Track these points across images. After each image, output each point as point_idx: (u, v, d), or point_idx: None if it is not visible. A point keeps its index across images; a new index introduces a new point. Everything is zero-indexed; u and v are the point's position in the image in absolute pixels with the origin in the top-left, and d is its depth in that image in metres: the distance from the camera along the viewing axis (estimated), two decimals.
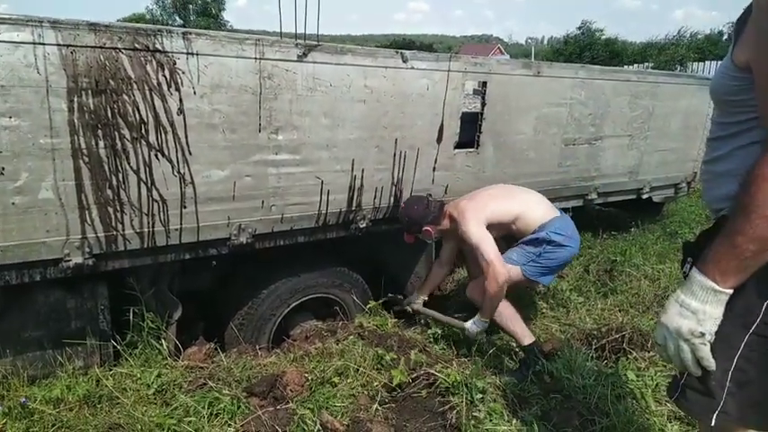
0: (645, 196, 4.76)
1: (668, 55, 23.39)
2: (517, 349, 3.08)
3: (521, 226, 3.06)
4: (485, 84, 3.25)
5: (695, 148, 4.94)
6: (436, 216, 3.07)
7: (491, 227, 2.96)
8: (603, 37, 29.68)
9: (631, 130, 4.29)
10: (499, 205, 3.08)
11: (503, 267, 2.83)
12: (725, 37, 29.54)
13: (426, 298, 3.45)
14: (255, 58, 2.41)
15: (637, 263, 4.39)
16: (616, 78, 4.05)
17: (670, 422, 2.43)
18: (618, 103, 4.09)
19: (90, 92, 2.09)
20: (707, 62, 20.47)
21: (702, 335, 1.12)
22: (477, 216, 2.96)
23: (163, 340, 2.70)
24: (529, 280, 3.03)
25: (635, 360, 2.86)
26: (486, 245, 2.85)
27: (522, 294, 3.86)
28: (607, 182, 4.35)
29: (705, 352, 1.13)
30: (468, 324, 2.98)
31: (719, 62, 1.29)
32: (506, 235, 3.15)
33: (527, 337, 2.95)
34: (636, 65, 24.54)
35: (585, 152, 4.05)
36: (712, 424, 1.19)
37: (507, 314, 2.98)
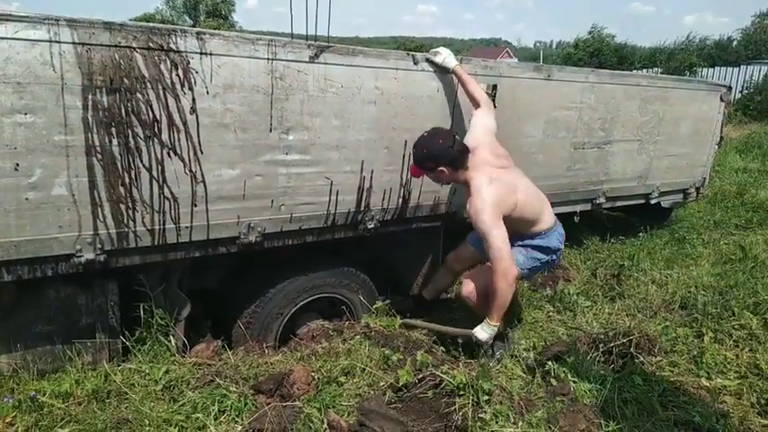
0: (653, 201, 4.75)
1: (678, 61, 23.21)
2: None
3: (533, 227, 2.89)
4: (495, 87, 3.25)
5: (705, 154, 4.92)
6: (456, 160, 2.69)
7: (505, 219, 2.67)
8: (614, 42, 29.50)
9: (641, 135, 4.28)
10: (528, 203, 2.81)
11: (514, 264, 2.64)
12: (734, 43, 29.39)
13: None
14: (268, 59, 2.43)
15: (644, 267, 4.37)
16: (626, 83, 4.04)
17: (677, 427, 2.42)
18: (628, 107, 4.08)
19: (104, 90, 2.11)
20: (716, 68, 20.33)
21: None
22: (494, 201, 2.63)
23: (171, 337, 2.72)
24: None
25: (642, 365, 2.85)
26: (497, 237, 2.58)
27: (529, 297, 3.86)
28: (616, 186, 4.34)
29: None
30: (477, 330, 2.71)
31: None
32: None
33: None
34: (645, 70, 24.35)
35: (594, 156, 4.05)
36: None
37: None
